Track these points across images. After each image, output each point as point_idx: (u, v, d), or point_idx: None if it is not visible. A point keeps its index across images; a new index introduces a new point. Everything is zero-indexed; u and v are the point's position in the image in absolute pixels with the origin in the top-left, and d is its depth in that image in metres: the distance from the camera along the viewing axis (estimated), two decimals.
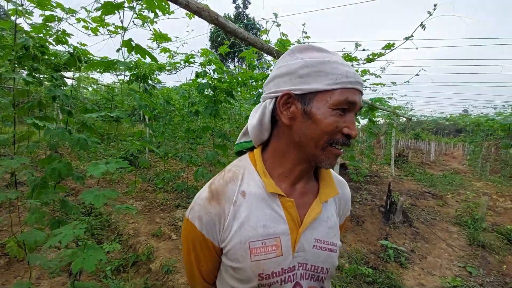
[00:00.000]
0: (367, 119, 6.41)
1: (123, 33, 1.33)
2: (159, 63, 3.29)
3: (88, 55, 2.65)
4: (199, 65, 2.81)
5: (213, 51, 2.79)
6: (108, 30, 2.00)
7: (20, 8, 1.78)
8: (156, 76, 3.74)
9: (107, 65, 1.34)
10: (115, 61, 1.35)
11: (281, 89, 0.61)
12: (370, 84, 3.81)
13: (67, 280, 2.29)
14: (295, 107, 0.59)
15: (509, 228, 4.25)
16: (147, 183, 5.39)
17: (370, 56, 2.03)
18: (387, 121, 8.83)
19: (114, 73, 2.45)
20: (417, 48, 1.82)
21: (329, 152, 0.58)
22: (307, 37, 2.11)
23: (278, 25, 1.78)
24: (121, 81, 2.51)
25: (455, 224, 4.70)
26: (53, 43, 2.22)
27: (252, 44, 1.94)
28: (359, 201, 5.15)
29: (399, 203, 4.49)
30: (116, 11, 1.30)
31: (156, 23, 1.90)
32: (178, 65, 2.96)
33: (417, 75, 2.92)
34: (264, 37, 2.05)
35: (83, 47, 2.45)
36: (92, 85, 6.56)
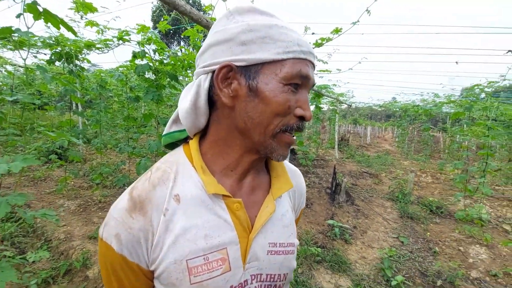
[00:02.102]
0: (313, 106, 6.68)
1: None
2: (88, 40, 2.82)
3: None
4: (136, 44, 2.47)
5: (154, 31, 2.48)
6: None
7: None
8: (85, 55, 3.22)
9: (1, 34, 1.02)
10: (13, 29, 1.04)
11: (218, 61, 0.48)
12: (318, 71, 3.89)
13: None
14: (238, 83, 0.47)
15: (431, 200, 4.92)
16: (82, 179, 4.78)
17: (319, 41, 2.02)
18: (331, 107, 9.36)
19: (27, 50, 2.02)
20: (362, 34, 1.85)
21: (280, 140, 0.48)
22: None
23: (225, 0, 1.62)
24: (34, 64, 2.07)
25: (388, 199, 5.26)
26: None
27: (196, 20, 1.74)
28: (307, 185, 5.39)
29: (343, 184, 4.82)
30: None
31: None
32: (110, 42, 2.56)
33: (360, 62, 3.05)
34: (210, 14, 1.87)
35: None
36: (3, 65, 5.48)
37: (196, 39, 2.42)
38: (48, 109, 4.38)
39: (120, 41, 2.49)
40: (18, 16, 1.03)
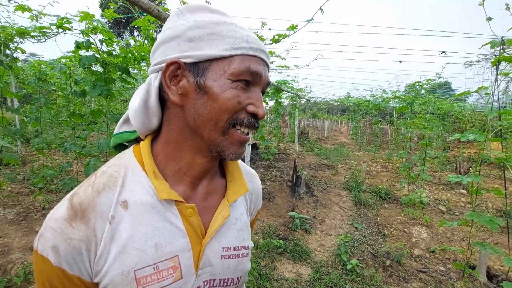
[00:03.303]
0: (274, 101, 6.80)
1: None
2: (20, 27, 2.48)
3: None
4: (80, 33, 2.24)
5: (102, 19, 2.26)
6: None
7: None
8: (17, 44, 2.85)
9: None
10: None
11: (167, 58, 0.47)
12: (276, 66, 3.96)
13: None
14: (186, 80, 0.47)
15: (380, 187, 5.36)
16: (21, 184, 4.26)
17: (276, 37, 2.04)
18: (291, 102, 9.63)
19: None
20: (316, 32, 1.92)
21: (232, 136, 0.48)
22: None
23: None
24: None
25: (344, 189, 5.62)
26: None
27: (146, 10, 1.63)
28: (269, 179, 5.49)
29: (303, 176, 5.01)
30: None
31: None
32: (48, 31, 2.28)
33: (316, 59, 3.17)
34: (162, 4, 1.76)
35: None
36: None
37: (148, 30, 2.28)
38: None
39: (60, 30, 2.24)
40: None
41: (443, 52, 3.06)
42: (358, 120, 12.40)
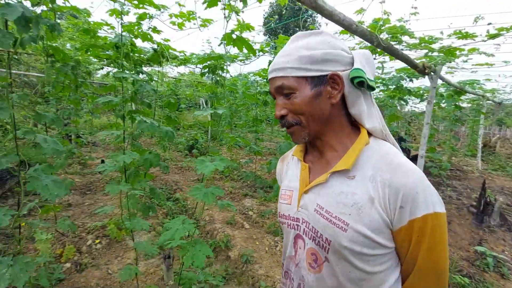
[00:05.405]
0: (447, 104, 5.55)
1: (225, 26, 1.28)
2: (231, 54, 3.28)
3: (170, 50, 2.75)
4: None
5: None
6: (195, 24, 2.00)
7: (119, 8, 1.87)
8: (227, 66, 3.76)
9: (215, 59, 1.31)
10: (220, 55, 1.32)
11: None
12: (472, 65, 3.21)
13: (160, 262, 2.50)
14: None
15: None
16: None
17: (494, 32, 1.64)
18: (473, 106, 7.58)
19: (189, 66, 2.48)
20: None
21: None
22: (415, 13, 1.78)
23: (382, 2, 1.53)
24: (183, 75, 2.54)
25: None
26: (140, 40, 2.33)
27: (347, 27, 1.74)
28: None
29: (496, 204, 3.84)
30: (218, 3, 1.25)
31: (243, 12, 1.83)
32: (249, 55, 2.89)
33: None
34: (358, 17, 1.83)
35: (166, 43, 2.54)
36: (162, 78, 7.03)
37: None
38: (193, 111, 5.37)
39: (261, 53, 2.77)
40: (220, 44, 1.31)
41: None
42: None
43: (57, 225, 2.17)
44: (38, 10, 1.43)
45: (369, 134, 0.68)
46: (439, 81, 3.34)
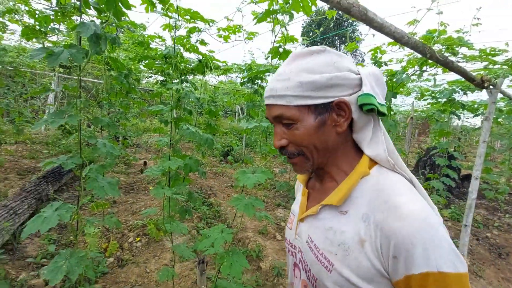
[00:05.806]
0: (507, 120, 4.96)
1: (273, 39, 1.30)
2: (274, 64, 3.31)
3: (214, 61, 2.87)
4: None
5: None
6: (240, 36, 2.07)
7: (173, 23, 2.01)
8: (266, 77, 3.82)
9: (262, 73, 1.35)
10: (267, 68, 1.34)
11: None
12: None
13: (194, 266, 2.57)
14: None
15: None
16: None
17: None
18: None
19: (230, 76, 2.54)
20: None
21: None
22: (477, 24, 1.65)
23: (440, 12, 1.44)
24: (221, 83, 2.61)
25: None
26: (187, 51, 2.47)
27: (397, 39, 1.67)
28: (497, 226, 4.08)
29: None
30: (268, 18, 1.28)
31: (288, 25, 1.85)
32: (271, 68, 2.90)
33: None
34: (410, 28, 1.74)
35: (210, 54, 2.65)
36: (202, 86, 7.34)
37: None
38: (230, 118, 5.51)
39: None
40: (267, 57, 1.33)
41: None
42: None
43: (104, 221, 2.35)
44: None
45: (375, 162, 0.59)
46: (499, 95, 3.03)
